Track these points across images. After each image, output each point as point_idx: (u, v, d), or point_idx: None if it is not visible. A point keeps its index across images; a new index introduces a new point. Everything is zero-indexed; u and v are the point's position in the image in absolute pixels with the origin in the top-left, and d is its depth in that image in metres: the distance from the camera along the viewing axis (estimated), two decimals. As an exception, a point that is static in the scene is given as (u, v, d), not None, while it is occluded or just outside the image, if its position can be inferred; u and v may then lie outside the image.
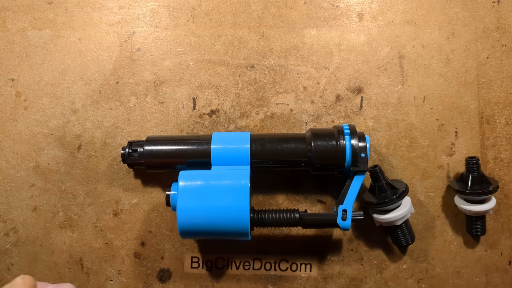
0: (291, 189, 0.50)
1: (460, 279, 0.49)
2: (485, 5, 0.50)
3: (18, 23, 0.52)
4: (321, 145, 0.44)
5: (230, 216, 0.42)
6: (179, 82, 0.51)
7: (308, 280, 0.49)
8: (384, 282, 0.49)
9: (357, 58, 0.50)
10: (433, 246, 0.49)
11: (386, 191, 0.45)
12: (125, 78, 0.51)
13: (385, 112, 0.50)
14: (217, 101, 0.51)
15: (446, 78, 0.50)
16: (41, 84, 0.52)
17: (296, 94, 0.50)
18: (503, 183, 0.49)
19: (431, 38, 0.50)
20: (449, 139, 0.49)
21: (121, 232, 0.50)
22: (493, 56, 0.50)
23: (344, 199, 0.44)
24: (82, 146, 0.51)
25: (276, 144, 0.45)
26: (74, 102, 0.51)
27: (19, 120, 0.51)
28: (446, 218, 0.49)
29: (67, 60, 0.52)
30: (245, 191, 0.42)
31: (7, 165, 0.51)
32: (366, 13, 0.51)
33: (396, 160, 0.49)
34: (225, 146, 0.45)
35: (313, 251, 0.49)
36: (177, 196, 0.42)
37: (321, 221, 0.45)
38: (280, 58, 0.51)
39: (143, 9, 0.52)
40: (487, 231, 0.48)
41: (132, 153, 0.46)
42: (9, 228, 0.51)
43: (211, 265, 0.50)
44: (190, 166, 0.45)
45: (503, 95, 0.49)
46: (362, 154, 0.43)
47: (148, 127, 0.51)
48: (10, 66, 0.52)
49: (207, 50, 0.51)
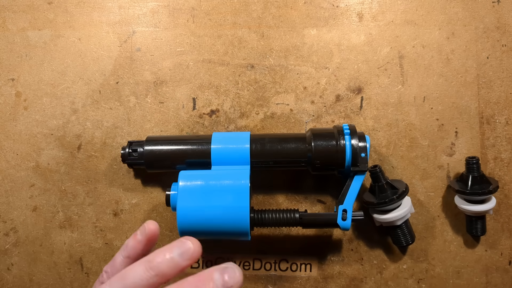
0: (291, 189, 0.50)
1: (460, 279, 0.49)
2: (485, 5, 0.50)
3: (18, 23, 0.52)
4: (321, 145, 0.44)
5: (230, 216, 0.42)
6: (179, 82, 0.51)
7: (308, 280, 0.49)
8: (384, 282, 0.49)
9: (357, 58, 0.50)
10: (433, 246, 0.49)
11: (386, 191, 0.45)
12: (125, 78, 0.51)
13: (385, 112, 0.50)
14: (217, 101, 0.51)
15: (446, 78, 0.50)
16: (41, 84, 0.52)
17: (296, 94, 0.50)
18: (503, 183, 0.49)
19: (431, 38, 0.50)
20: (449, 139, 0.49)
21: (121, 232, 0.50)
22: (493, 56, 0.50)
23: (344, 199, 0.44)
24: (82, 146, 0.51)
25: (276, 144, 0.45)
26: (74, 102, 0.51)
27: (19, 120, 0.51)
28: (446, 218, 0.49)
29: (67, 60, 0.52)
30: (245, 191, 0.42)
31: (7, 165, 0.51)
32: (366, 13, 0.51)
33: (396, 160, 0.49)
34: (225, 146, 0.45)
35: (313, 251, 0.49)
36: (177, 196, 0.42)
37: (321, 221, 0.45)
38: (280, 58, 0.51)
39: (143, 9, 0.52)
40: (487, 231, 0.48)
41: (132, 153, 0.46)
42: (9, 228, 0.51)
43: (211, 265, 0.50)
44: (190, 166, 0.45)
45: (503, 95, 0.49)
46: (362, 154, 0.43)
47: (148, 127, 0.51)
48: (10, 66, 0.52)
49: (207, 50, 0.51)
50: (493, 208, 0.46)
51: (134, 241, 0.34)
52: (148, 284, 0.30)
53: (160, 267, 0.30)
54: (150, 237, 0.34)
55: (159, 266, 0.30)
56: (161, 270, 0.30)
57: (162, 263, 0.30)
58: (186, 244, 0.31)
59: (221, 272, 0.30)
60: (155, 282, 0.30)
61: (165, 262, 0.30)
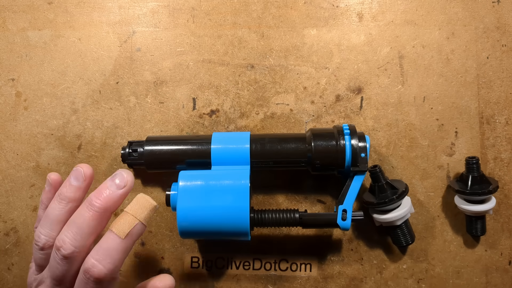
0: (291, 189, 0.50)
1: (460, 279, 0.49)
2: (485, 5, 0.50)
3: (18, 23, 0.52)
4: (321, 145, 0.44)
5: (230, 216, 0.42)
6: (179, 82, 0.51)
7: (308, 280, 0.49)
8: (384, 282, 0.49)
9: (357, 58, 0.50)
10: (433, 246, 0.49)
11: (386, 191, 0.45)
12: (125, 78, 0.51)
13: (385, 112, 0.50)
14: (217, 101, 0.51)
15: (446, 78, 0.50)
16: (41, 84, 0.52)
17: (296, 94, 0.51)
18: (503, 183, 0.49)
19: (431, 38, 0.50)
20: (449, 139, 0.49)
21: (121, 232, 0.50)
22: (493, 56, 0.50)
23: (344, 199, 0.44)
24: (82, 146, 0.51)
25: (276, 144, 0.45)
26: (74, 102, 0.51)
27: (19, 120, 0.51)
28: (446, 218, 0.49)
29: (67, 60, 0.52)
30: (245, 191, 0.42)
31: (7, 165, 0.51)
32: (366, 13, 0.51)
33: (396, 160, 0.49)
34: (225, 146, 0.45)
35: (313, 251, 0.49)
36: (177, 196, 0.42)
37: (321, 221, 0.45)
38: (280, 58, 0.51)
39: (143, 9, 0.52)
40: (487, 231, 0.48)
41: (132, 153, 0.46)
42: (9, 228, 0.51)
43: (211, 265, 0.50)
44: (190, 166, 0.45)
45: (503, 95, 0.49)
46: (362, 154, 0.43)
47: (148, 127, 0.51)
48: (10, 66, 0.52)
49: (207, 50, 0.51)
50: (493, 208, 0.46)
51: (44, 194, 0.42)
52: (66, 211, 0.38)
53: (65, 194, 0.38)
54: (55, 186, 0.41)
55: (65, 193, 0.38)
56: (67, 196, 0.38)
57: (66, 190, 0.38)
58: (77, 169, 0.39)
59: (112, 178, 0.37)
60: (70, 207, 0.38)
61: (67, 188, 0.38)
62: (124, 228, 0.36)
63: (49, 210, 0.38)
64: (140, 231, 0.37)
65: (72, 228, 0.36)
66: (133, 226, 0.36)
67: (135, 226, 0.36)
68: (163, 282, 0.40)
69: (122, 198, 0.37)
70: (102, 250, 0.35)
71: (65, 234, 0.36)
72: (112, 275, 0.35)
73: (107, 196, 0.36)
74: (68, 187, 0.38)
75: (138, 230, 0.37)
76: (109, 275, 0.35)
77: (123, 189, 0.37)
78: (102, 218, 0.36)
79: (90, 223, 0.36)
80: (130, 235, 0.36)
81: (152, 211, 0.38)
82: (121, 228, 0.36)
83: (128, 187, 0.37)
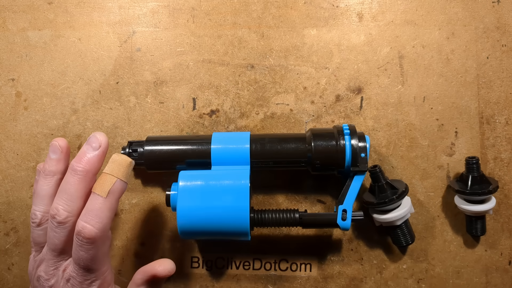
0: (291, 189, 0.50)
1: (460, 279, 0.49)
2: (485, 5, 0.50)
3: (18, 23, 0.52)
4: (321, 145, 0.44)
5: (230, 216, 0.42)
6: (179, 82, 0.51)
7: (308, 280, 0.49)
8: (384, 282, 0.49)
9: (357, 58, 0.50)
10: (433, 246, 0.49)
11: (386, 191, 0.45)
12: (125, 78, 0.51)
13: (385, 112, 0.50)
14: (217, 101, 0.51)
15: (446, 78, 0.50)
16: (41, 84, 0.52)
17: (296, 94, 0.51)
18: (503, 183, 0.49)
19: (431, 38, 0.50)
20: (449, 139, 0.49)
21: (121, 232, 0.50)
22: (493, 56, 0.50)
23: (344, 199, 0.44)
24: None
25: (276, 144, 0.45)
26: (74, 102, 0.51)
27: (19, 120, 0.51)
28: (446, 218, 0.49)
29: (67, 60, 0.52)
30: (245, 191, 0.42)
31: (7, 165, 0.51)
32: (366, 13, 0.51)
33: (396, 160, 0.49)
34: (225, 146, 0.45)
35: (313, 251, 0.49)
36: (177, 196, 0.42)
37: (321, 221, 0.45)
38: (280, 58, 0.51)
39: (143, 9, 0.52)
40: (487, 231, 0.48)
41: (132, 153, 0.46)
42: (9, 228, 0.51)
43: (211, 265, 0.50)
44: (190, 166, 0.45)
45: (503, 95, 0.49)
46: (362, 154, 0.43)
47: (148, 127, 0.51)
48: (10, 66, 0.52)
49: (207, 50, 0.51)
50: (493, 208, 0.46)
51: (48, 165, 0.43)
52: (53, 185, 0.40)
53: (49, 168, 0.41)
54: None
55: (48, 168, 0.41)
56: (51, 170, 0.41)
57: (48, 165, 0.41)
58: (53, 143, 0.41)
59: (87, 143, 0.39)
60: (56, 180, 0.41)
61: (48, 164, 0.41)
62: (105, 187, 0.38)
63: (37, 189, 0.41)
64: (121, 188, 0.39)
65: (62, 196, 0.38)
66: (112, 184, 0.38)
67: (115, 183, 0.38)
68: (163, 266, 0.42)
69: (100, 158, 0.39)
70: (89, 212, 0.37)
71: (57, 202, 0.38)
72: (102, 233, 0.37)
73: (87, 159, 0.39)
74: (49, 162, 0.41)
75: (118, 186, 0.38)
76: (99, 234, 0.36)
77: (99, 149, 0.39)
78: (87, 180, 0.39)
79: (77, 187, 0.38)
80: (112, 193, 0.38)
81: (129, 167, 0.39)
82: (102, 188, 0.38)
83: (104, 147, 0.40)
